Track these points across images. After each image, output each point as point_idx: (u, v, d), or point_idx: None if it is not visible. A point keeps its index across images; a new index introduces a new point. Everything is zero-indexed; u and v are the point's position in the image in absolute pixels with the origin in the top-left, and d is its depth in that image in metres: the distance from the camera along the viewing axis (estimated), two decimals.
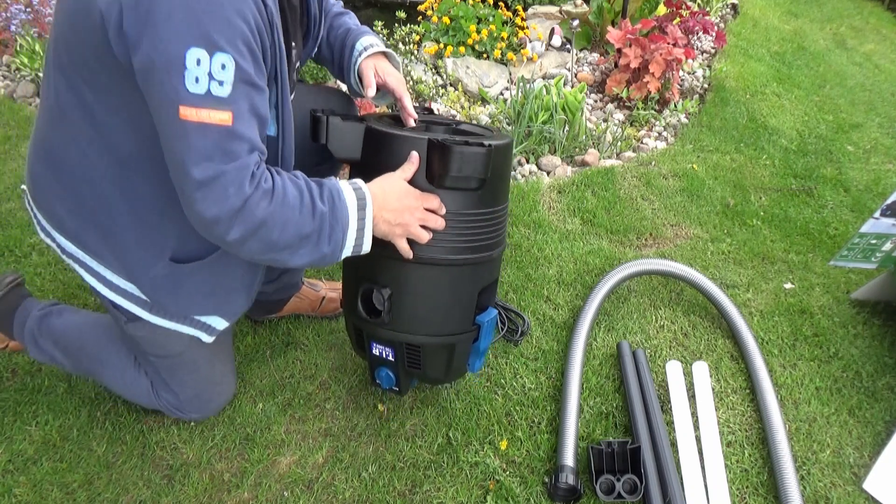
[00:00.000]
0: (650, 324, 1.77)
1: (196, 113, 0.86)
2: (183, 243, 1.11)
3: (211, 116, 0.87)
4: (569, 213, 2.19)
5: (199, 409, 1.39)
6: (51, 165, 1.09)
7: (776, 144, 2.72)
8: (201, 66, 0.84)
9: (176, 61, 0.84)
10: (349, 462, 1.39)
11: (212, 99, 0.86)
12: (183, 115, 0.86)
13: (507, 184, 1.32)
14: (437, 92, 2.81)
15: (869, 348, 1.74)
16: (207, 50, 0.84)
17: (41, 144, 1.10)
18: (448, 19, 3.05)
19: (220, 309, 1.23)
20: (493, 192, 1.24)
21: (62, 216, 1.12)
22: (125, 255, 1.11)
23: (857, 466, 1.44)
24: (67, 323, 1.40)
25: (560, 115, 2.47)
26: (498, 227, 1.29)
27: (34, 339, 1.39)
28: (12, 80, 2.78)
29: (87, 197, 1.07)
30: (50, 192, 1.11)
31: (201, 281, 1.16)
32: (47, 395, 1.49)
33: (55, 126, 1.05)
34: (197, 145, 0.88)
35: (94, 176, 1.05)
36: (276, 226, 0.98)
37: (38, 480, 1.32)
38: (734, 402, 1.57)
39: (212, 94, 0.86)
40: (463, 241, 1.22)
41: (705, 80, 3.16)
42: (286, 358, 1.61)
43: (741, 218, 2.24)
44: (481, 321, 1.32)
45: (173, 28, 0.83)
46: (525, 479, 1.37)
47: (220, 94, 0.87)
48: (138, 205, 1.07)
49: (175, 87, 0.85)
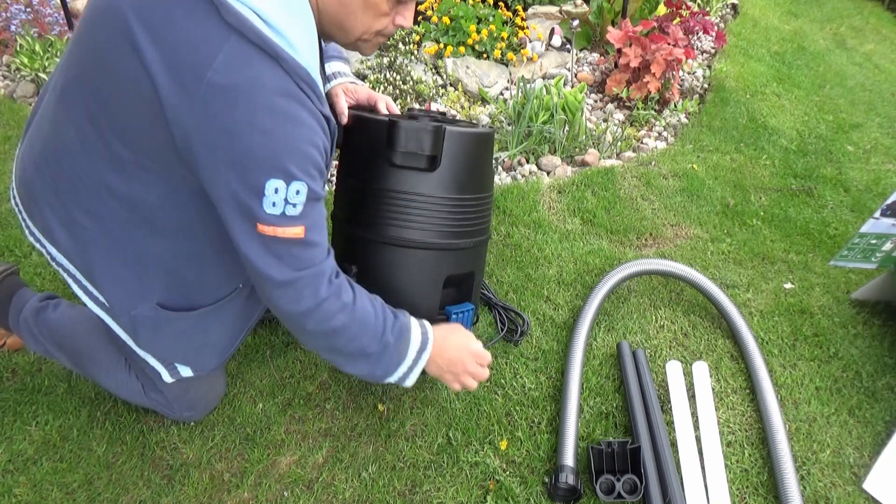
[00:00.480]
0: (650, 324, 1.77)
1: (273, 229, 0.95)
2: (174, 294, 1.14)
3: (285, 232, 0.96)
4: (569, 213, 2.19)
5: (190, 408, 1.39)
6: (54, 184, 1.07)
7: (776, 144, 2.72)
8: (279, 193, 0.92)
9: (256, 190, 0.91)
10: (349, 462, 1.39)
11: (286, 218, 0.95)
12: (260, 230, 0.95)
13: (481, 176, 1.33)
14: (437, 92, 2.81)
15: (869, 348, 1.74)
16: (285, 181, 0.92)
17: (45, 162, 1.07)
18: (448, 19, 3.05)
19: (190, 361, 1.26)
20: (458, 180, 1.26)
21: (57, 234, 1.10)
22: (106, 289, 1.11)
23: (857, 466, 1.44)
24: (63, 318, 1.39)
25: (560, 115, 2.47)
26: (467, 218, 1.30)
27: (30, 331, 1.40)
28: (12, 80, 2.78)
29: (91, 228, 1.07)
30: (47, 208, 1.09)
31: (179, 330, 1.18)
32: (47, 395, 1.49)
33: (71, 154, 1.03)
34: (274, 252, 0.97)
35: (104, 213, 1.05)
36: (345, 337, 1.08)
37: (38, 480, 1.32)
38: (734, 402, 1.57)
39: (286, 215, 0.94)
40: (423, 225, 1.25)
41: (705, 80, 3.16)
42: (286, 358, 1.61)
43: (741, 218, 2.24)
44: (450, 312, 1.34)
45: (254, 161, 0.90)
46: (525, 479, 1.37)
47: (293, 214, 0.95)
48: (141, 251, 1.08)
49: (253, 208, 0.93)
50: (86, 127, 0.99)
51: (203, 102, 0.87)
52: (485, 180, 1.35)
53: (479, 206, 1.33)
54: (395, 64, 2.75)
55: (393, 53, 2.75)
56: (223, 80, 0.86)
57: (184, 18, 0.87)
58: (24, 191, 1.13)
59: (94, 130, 0.99)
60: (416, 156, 1.21)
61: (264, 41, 0.87)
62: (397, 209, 1.24)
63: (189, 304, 1.16)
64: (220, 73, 0.86)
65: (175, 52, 0.88)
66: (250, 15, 0.87)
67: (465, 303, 1.38)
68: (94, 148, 1.00)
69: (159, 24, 0.88)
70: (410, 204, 1.24)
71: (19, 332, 1.42)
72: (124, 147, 0.98)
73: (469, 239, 1.32)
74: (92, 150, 1.00)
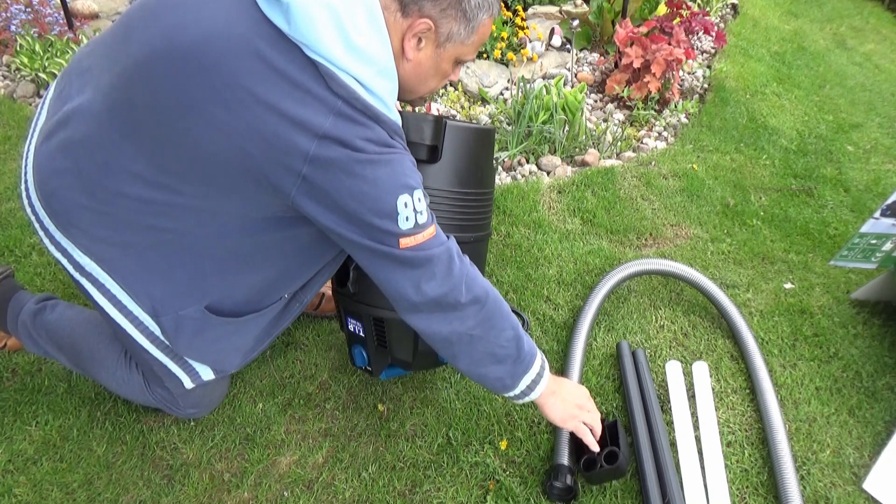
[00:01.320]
0: (650, 324, 1.77)
1: (413, 239, 1.04)
2: (224, 300, 1.17)
3: (424, 235, 1.05)
4: (569, 213, 2.19)
5: (195, 406, 1.39)
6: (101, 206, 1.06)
7: (776, 144, 2.72)
8: (408, 206, 1.02)
9: (391, 212, 1.00)
10: (349, 462, 1.39)
11: (419, 226, 1.04)
12: (403, 245, 1.03)
13: (482, 171, 1.34)
14: (437, 92, 2.81)
15: (869, 348, 1.74)
16: (409, 193, 1.02)
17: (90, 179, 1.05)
18: None
19: (217, 363, 1.28)
20: (459, 174, 1.28)
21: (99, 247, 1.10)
22: (160, 289, 1.12)
23: (857, 466, 1.44)
24: (61, 319, 1.39)
25: (560, 115, 2.47)
26: (467, 212, 1.31)
27: (28, 333, 1.39)
28: (12, 80, 2.78)
29: (142, 239, 1.08)
30: (84, 218, 1.08)
31: (219, 334, 1.20)
32: (47, 395, 1.49)
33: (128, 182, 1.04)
34: (422, 257, 1.06)
35: (157, 224, 1.06)
36: (492, 300, 1.15)
37: (38, 480, 1.32)
38: (734, 402, 1.57)
39: (418, 223, 1.04)
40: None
41: (705, 80, 3.16)
42: (286, 358, 1.61)
43: (741, 218, 2.24)
44: None
45: (382, 187, 0.99)
46: (525, 479, 1.37)
47: (423, 220, 1.05)
48: (202, 255, 1.11)
49: (392, 229, 1.02)
50: (155, 158, 1.01)
51: (318, 155, 0.95)
52: (486, 176, 1.36)
53: (479, 201, 1.34)
54: None
55: None
56: (336, 136, 0.95)
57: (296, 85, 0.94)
58: (58, 205, 1.10)
59: (164, 161, 1.01)
60: (416, 146, 1.22)
61: (367, 107, 0.97)
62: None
63: (236, 310, 1.19)
64: (332, 131, 0.94)
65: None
66: (354, 84, 0.96)
67: None
68: (162, 179, 1.02)
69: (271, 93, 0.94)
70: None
71: (18, 335, 1.42)
72: (200, 181, 1.02)
73: (469, 234, 1.33)
74: (159, 180, 1.02)
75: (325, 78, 0.94)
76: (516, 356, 1.18)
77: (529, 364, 1.21)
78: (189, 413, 1.40)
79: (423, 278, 1.06)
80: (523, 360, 1.19)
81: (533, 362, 1.21)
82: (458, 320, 1.11)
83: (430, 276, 1.06)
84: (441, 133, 1.24)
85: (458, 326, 1.12)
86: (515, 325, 1.18)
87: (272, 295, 1.23)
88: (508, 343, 1.17)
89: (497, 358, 1.17)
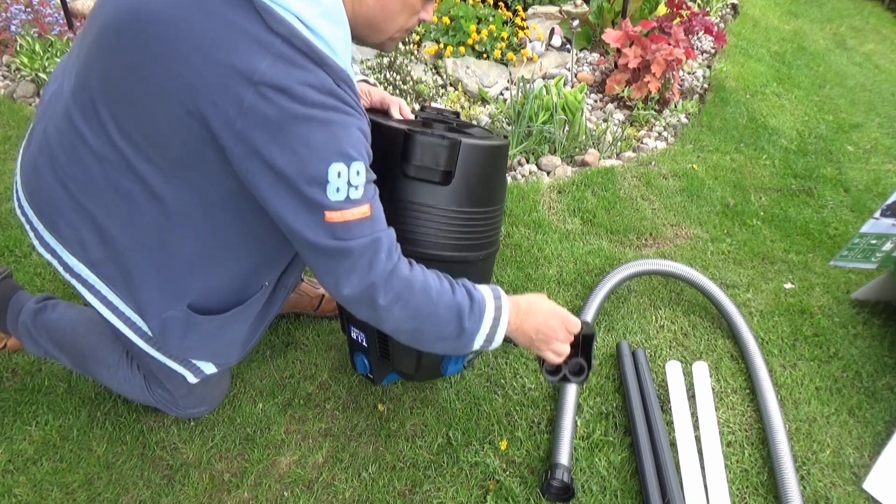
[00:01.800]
0: (650, 324, 1.77)
1: (340, 215, 0.95)
2: (204, 297, 1.14)
3: (354, 213, 0.97)
4: (569, 213, 2.19)
5: (195, 406, 1.39)
6: (80, 194, 1.05)
7: (776, 144, 2.72)
8: (341, 177, 0.93)
9: (320, 178, 0.92)
10: (349, 462, 1.39)
11: (351, 202, 0.96)
12: (329, 217, 0.95)
13: (494, 188, 1.29)
14: (437, 92, 2.81)
15: (869, 348, 1.74)
16: (346, 163, 0.93)
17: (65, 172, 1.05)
18: (448, 19, 3.05)
19: (215, 357, 1.26)
20: (471, 193, 1.23)
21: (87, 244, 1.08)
22: (141, 293, 1.11)
23: (857, 466, 1.44)
24: (61, 318, 1.39)
25: (560, 115, 2.47)
26: (477, 230, 1.26)
27: (29, 333, 1.39)
28: (12, 80, 2.78)
29: (119, 237, 1.05)
30: (75, 217, 1.07)
31: (208, 331, 1.18)
32: (47, 395, 1.48)
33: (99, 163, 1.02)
34: (343, 235, 0.97)
35: (136, 219, 1.04)
36: (418, 291, 1.04)
37: (38, 480, 1.32)
38: (734, 402, 1.57)
39: (350, 199, 0.95)
40: (433, 236, 1.21)
41: (705, 80, 3.16)
42: (286, 358, 1.61)
43: (741, 218, 2.24)
44: None
45: (315, 149, 0.91)
46: (525, 479, 1.37)
47: (357, 196, 0.96)
48: (172, 255, 1.07)
49: (320, 199, 0.94)
50: (113, 135, 0.98)
51: (252, 106, 0.89)
52: (497, 192, 1.31)
53: (489, 218, 1.30)
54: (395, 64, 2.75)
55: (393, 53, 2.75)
56: (272, 82, 0.88)
57: (230, 27, 0.89)
58: (41, 201, 1.10)
59: (122, 138, 0.98)
60: (430, 170, 1.19)
61: (310, 47, 0.90)
62: (407, 220, 1.21)
63: (220, 306, 1.17)
64: (268, 76, 0.88)
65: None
66: (295, 22, 0.89)
67: None
68: (124, 156, 0.99)
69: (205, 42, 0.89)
70: (421, 215, 1.20)
71: (18, 336, 1.42)
72: (160, 155, 0.98)
73: (478, 252, 1.28)
74: (121, 158, 0.99)
75: (262, 14, 0.88)
76: (459, 331, 1.08)
77: (477, 325, 1.09)
78: (189, 413, 1.40)
79: (343, 273, 0.99)
80: (469, 330, 1.09)
81: (482, 319, 1.10)
82: (385, 320, 1.05)
83: (349, 271, 0.99)
84: (456, 157, 1.18)
85: (387, 325, 1.06)
86: (452, 305, 1.07)
87: (253, 285, 1.20)
88: (448, 325, 1.07)
89: (441, 336, 1.09)
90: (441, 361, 1.37)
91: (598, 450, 1.43)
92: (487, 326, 1.12)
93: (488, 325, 1.12)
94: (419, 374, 1.37)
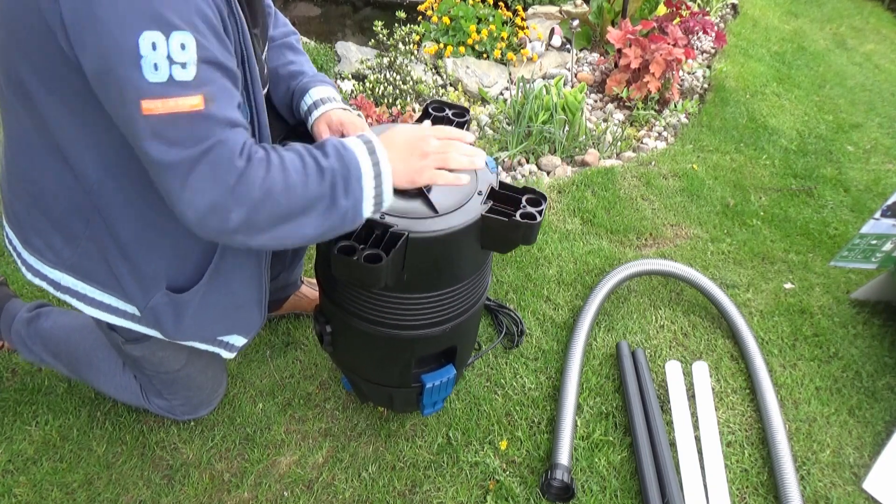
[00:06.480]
0: (650, 324, 1.77)
1: (162, 104, 0.76)
2: (177, 273, 1.05)
3: (179, 104, 0.77)
4: (569, 213, 2.19)
5: (192, 413, 1.39)
6: (32, 201, 1.01)
7: (776, 144, 2.72)
8: (158, 49, 0.74)
9: (129, 51, 0.74)
10: (349, 462, 1.39)
11: (176, 85, 0.76)
12: (146, 109, 0.76)
13: (460, 268, 1.11)
14: (437, 92, 2.81)
15: (869, 348, 1.74)
16: (162, 31, 0.74)
17: (16, 181, 1.01)
18: (448, 19, 3.05)
19: (235, 327, 1.17)
20: (430, 280, 1.09)
21: (58, 249, 1.03)
22: (124, 284, 1.06)
23: (857, 466, 1.44)
24: (56, 326, 1.37)
25: (560, 115, 2.47)
26: (441, 308, 1.14)
27: (23, 341, 1.38)
28: None
29: (79, 228, 0.99)
30: (39, 228, 1.03)
31: (205, 305, 1.10)
32: (47, 395, 1.48)
33: (25, 158, 0.96)
34: (170, 137, 0.79)
35: (80, 205, 0.96)
36: (281, 193, 0.87)
37: (38, 480, 1.32)
38: (734, 402, 1.57)
39: (175, 80, 0.76)
40: (393, 316, 1.12)
41: (705, 80, 3.16)
42: (286, 358, 1.61)
43: (741, 218, 2.24)
44: (426, 380, 1.23)
45: (119, 13, 0.73)
46: (525, 479, 1.37)
47: (185, 79, 0.77)
48: (122, 238, 0.99)
49: (133, 80, 0.75)
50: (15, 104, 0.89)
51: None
52: (465, 269, 1.13)
53: (456, 294, 1.14)
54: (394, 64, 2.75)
55: (393, 53, 2.75)
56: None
57: None
58: (15, 221, 1.06)
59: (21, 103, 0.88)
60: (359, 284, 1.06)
61: None
62: (360, 298, 1.12)
63: (190, 276, 1.07)
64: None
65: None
66: None
67: (449, 367, 1.26)
68: (29, 130, 0.91)
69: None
70: (372, 297, 1.10)
71: (12, 343, 1.41)
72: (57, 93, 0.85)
73: (445, 325, 1.16)
74: (29, 134, 0.91)
75: None
76: (331, 201, 0.91)
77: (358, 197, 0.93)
78: (187, 418, 1.41)
79: (175, 190, 0.82)
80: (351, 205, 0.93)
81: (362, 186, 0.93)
82: (246, 242, 0.89)
83: (182, 188, 0.81)
84: (381, 276, 0.98)
85: (251, 245, 0.90)
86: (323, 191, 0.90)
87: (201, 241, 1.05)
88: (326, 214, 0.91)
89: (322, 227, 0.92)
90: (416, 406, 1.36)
91: (598, 450, 1.43)
92: (371, 189, 0.94)
93: (371, 187, 0.94)
94: (396, 409, 1.41)
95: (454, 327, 1.18)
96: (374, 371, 1.26)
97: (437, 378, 1.24)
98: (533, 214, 1.05)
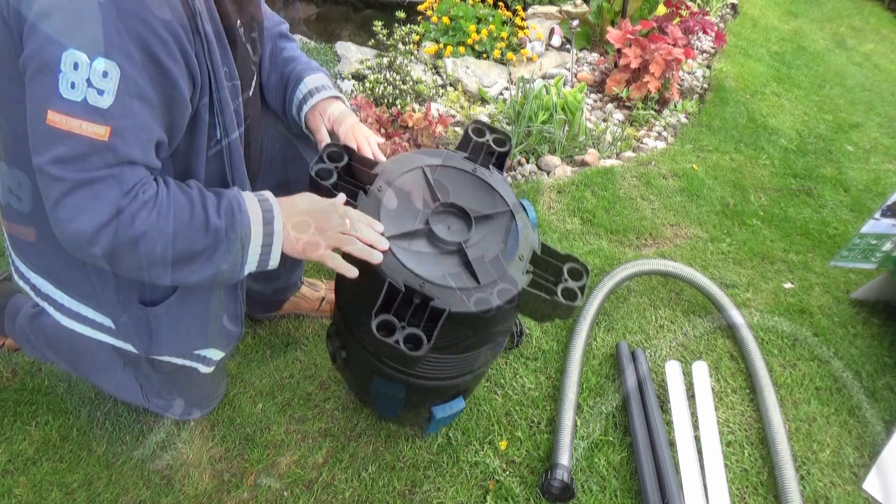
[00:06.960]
0: (650, 324, 1.77)
1: (66, 121, 0.76)
2: (149, 286, 1.03)
3: (83, 128, 0.76)
4: (568, 213, 2.19)
5: (191, 413, 1.39)
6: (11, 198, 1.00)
7: (776, 144, 2.72)
8: (79, 70, 0.74)
9: (51, 62, 0.74)
10: (349, 462, 1.39)
11: (88, 109, 0.76)
12: (50, 119, 0.75)
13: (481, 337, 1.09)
14: (437, 92, 2.81)
15: (869, 348, 1.74)
16: (87, 53, 0.74)
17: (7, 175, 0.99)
18: (448, 19, 3.05)
19: (212, 341, 1.18)
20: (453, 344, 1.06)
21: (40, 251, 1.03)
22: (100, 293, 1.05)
23: (857, 466, 1.44)
24: (58, 323, 1.37)
25: (560, 115, 2.47)
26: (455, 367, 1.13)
27: (27, 337, 1.38)
28: None
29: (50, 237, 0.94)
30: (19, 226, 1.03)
31: (178, 318, 1.09)
32: (47, 395, 1.48)
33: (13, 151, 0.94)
34: (62, 154, 0.77)
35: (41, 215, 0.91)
36: (159, 239, 0.85)
37: (38, 480, 1.32)
38: (734, 402, 1.57)
39: (88, 104, 0.75)
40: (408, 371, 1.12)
41: (705, 80, 3.16)
42: (286, 358, 1.61)
43: (741, 218, 2.24)
44: (436, 412, 1.23)
45: (52, 26, 0.74)
46: (525, 479, 1.37)
47: (100, 105, 0.76)
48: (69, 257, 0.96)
49: (47, 89, 0.75)
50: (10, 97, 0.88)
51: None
52: (497, 332, 1.13)
53: (482, 352, 1.13)
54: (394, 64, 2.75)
55: (392, 53, 2.75)
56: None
57: None
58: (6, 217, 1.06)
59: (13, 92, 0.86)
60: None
61: None
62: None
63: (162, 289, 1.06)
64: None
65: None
66: None
67: (458, 399, 1.26)
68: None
69: None
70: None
71: (15, 339, 1.41)
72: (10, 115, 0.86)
73: (467, 376, 1.16)
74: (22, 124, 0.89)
75: None
76: (207, 258, 0.90)
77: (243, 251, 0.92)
78: (186, 417, 1.41)
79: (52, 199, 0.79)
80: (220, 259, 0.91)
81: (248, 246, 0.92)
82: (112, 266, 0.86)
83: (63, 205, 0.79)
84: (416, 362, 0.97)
85: (117, 270, 0.88)
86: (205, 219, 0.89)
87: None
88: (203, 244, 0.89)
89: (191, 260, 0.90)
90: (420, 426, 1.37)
91: (598, 450, 1.43)
92: (256, 255, 0.94)
93: (256, 254, 0.94)
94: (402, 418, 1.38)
95: (476, 377, 1.19)
96: (385, 404, 1.26)
97: (447, 410, 1.24)
98: (575, 293, 1.01)
